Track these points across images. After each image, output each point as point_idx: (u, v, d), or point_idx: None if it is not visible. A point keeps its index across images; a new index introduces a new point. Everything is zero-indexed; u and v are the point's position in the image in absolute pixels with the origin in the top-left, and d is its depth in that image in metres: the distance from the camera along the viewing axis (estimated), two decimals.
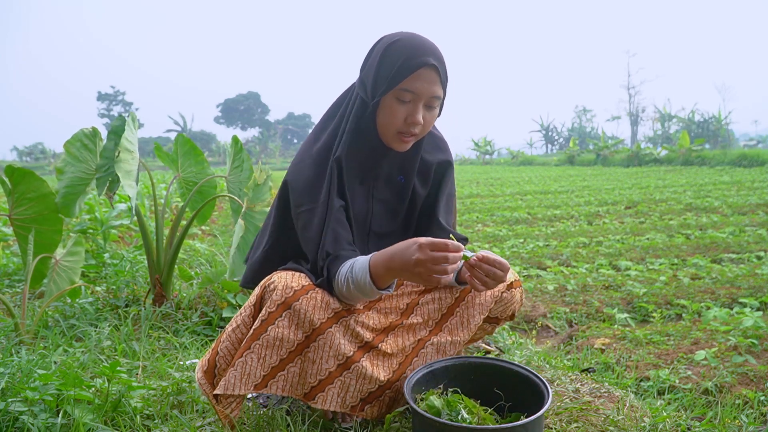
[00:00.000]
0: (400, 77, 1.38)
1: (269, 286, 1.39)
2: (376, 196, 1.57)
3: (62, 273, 2.61)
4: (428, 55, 1.39)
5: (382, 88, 1.41)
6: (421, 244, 1.25)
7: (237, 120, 76.21)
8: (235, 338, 1.42)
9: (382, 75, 1.41)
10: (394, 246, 1.33)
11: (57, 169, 2.61)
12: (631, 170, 19.00)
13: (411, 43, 1.40)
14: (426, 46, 1.41)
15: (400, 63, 1.38)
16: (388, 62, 1.39)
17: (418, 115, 1.42)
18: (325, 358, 1.41)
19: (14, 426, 1.50)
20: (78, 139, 2.60)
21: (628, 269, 4.20)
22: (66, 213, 2.59)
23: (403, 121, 1.43)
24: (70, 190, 2.60)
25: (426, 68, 1.39)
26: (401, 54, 1.39)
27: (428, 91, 1.41)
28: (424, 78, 1.39)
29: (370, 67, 1.44)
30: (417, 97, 1.41)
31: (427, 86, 1.40)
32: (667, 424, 1.62)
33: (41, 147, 54.01)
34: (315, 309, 1.39)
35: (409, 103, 1.42)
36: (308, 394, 1.43)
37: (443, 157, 1.64)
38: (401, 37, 1.43)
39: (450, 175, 1.66)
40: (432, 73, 1.40)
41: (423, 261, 1.25)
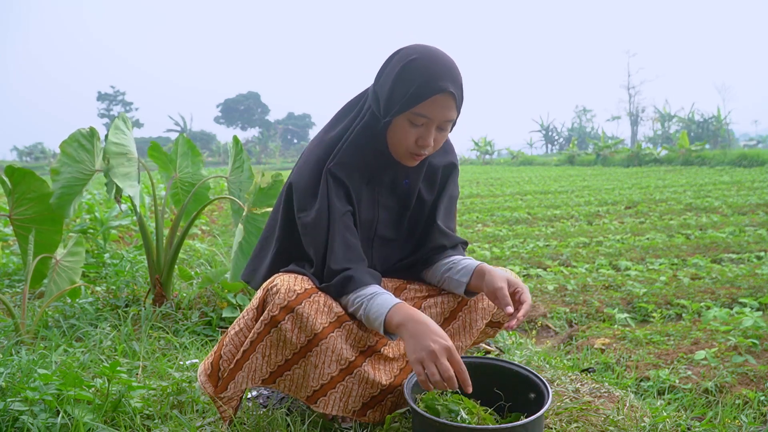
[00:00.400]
0: (415, 102, 1.34)
1: (272, 289, 1.38)
2: (382, 203, 1.55)
3: (62, 273, 2.61)
4: (445, 80, 1.34)
5: (395, 110, 1.37)
6: (448, 347, 1.24)
7: (237, 120, 76.22)
8: (238, 341, 1.41)
9: (396, 96, 1.36)
10: (422, 317, 1.30)
11: (52, 170, 2.55)
12: (631, 170, 19.00)
13: (429, 64, 1.34)
14: (444, 68, 1.35)
15: (415, 87, 1.33)
16: (404, 83, 1.35)
17: (429, 138, 1.39)
18: (327, 363, 1.41)
19: (14, 426, 1.50)
20: (75, 139, 2.55)
21: (628, 269, 4.20)
22: (61, 214, 2.56)
23: (414, 142, 1.40)
24: (66, 190, 2.55)
25: (442, 94, 1.34)
26: (418, 76, 1.34)
27: (442, 116, 1.37)
28: (440, 104, 1.35)
29: (384, 83, 1.40)
30: (430, 122, 1.38)
31: (442, 111, 1.37)
32: (667, 424, 1.62)
33: (41, 147, 54.02)
34: (317, 313, 1.38)
35: (421, 126, 1.39)
36: (311, 398, 1.43)
37: (449, 160, 1.62)
38: (419, 55, 1.36)
39: (454, 177, 1.65)
40: (448, 99, 1.36)
41: (434, 354, 1.23)
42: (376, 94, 1.43)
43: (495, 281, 1.40)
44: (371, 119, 1.45)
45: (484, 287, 1.44)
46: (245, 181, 2.90)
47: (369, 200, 1.53)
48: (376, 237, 1.57)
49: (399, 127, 1.40)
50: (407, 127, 1.39)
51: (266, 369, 1.40)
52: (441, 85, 1.33)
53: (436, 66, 1.35)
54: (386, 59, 1.44)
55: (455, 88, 1.36)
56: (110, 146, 2.42)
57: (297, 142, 75.12)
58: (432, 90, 1.33)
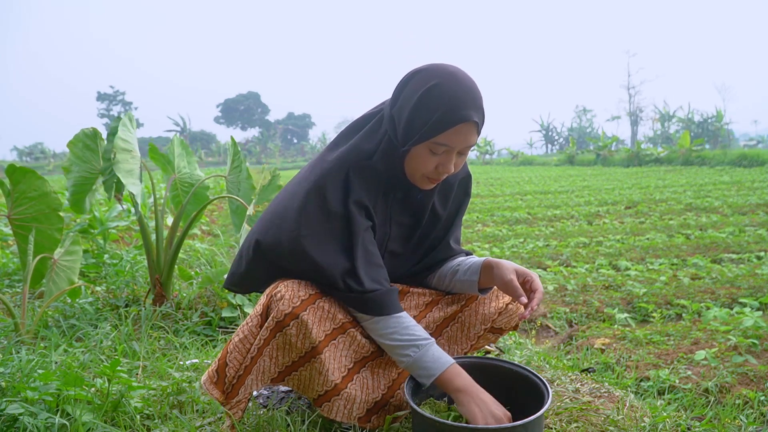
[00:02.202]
0: (436, 132, 1.27)
1: (275, 295, 1.36)
2: (395, 219, 1.51)
3: (61, 273, 2.61)
4: (468, 108, 1.27)
5: (415, 139, 1.30)
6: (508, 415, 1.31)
7: (237, 120, 76.20)
8: (244, 348, 1.40)
9: (416, 125, 1.29)
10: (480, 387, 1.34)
11: (64, 168, 2.69)
12: (631, 170, 19.00)
13: (450, 91, 1.26)
14: (467, 95, 1.28)
15: (438, 116, 1.26)
16: (425, 112, 1.27)
17: (450, 165, 1.34)
18: (331, 371, 1.41)
19: (14, 426, 1.50)
20: (80, 139, 2.64)
21: (628, 269, 4.20)
22: (77, 210, 2.70)
23: (434, 169, 1.35)
24: (78, 188, 2.68)
25: (465, 123, 1.28)
26: (440, 105, 1.26)
27: (464, 144, 1.32)
28: (462, 132, 1.29)
29: (403, 109, 1.32)
30: (451, 150, 1.32)
31: (464, 139, 1.30)
32: (667, 424, 1.62)
33: (41, 147, 54.07)
34: (321, 320, 1.38)
35: (441, 155, 1.33)
36: (317, 401, 1.44)
37: (464, 172, 1.57)
38: (441, 80, 1.28)
39: (469, 189, 1.62)
40: (471, 127, 1.29)
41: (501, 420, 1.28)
42: (393, 120, 1.35)
43: (504, 274, 1.41)
44: (388, 145, 1.37)
45: (495, 282, 1.44)
46: (244, 180, 2.91)
47: (382, 215, 1.49)
48: (386, 252, 1.54)
49: (418, 155, 1.33)
50: (427, 155, 1.33)
51: (274, 369, 1.40)
52: (464, 114, 1.26)
53: (458, 93, 1.27)
54: (403, 80, 1.35)
55: (478, 115, 1.29)
56: (118, 141, 2.44)
57: (297, 142, 75.08)
58: (455, 120, 1.26)
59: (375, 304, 1.37)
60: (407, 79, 1.34)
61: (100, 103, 68.02)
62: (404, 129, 1.32)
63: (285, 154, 58.07)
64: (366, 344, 1.47)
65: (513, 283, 1.38)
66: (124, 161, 2.46)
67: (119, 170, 2.42)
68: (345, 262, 1.36)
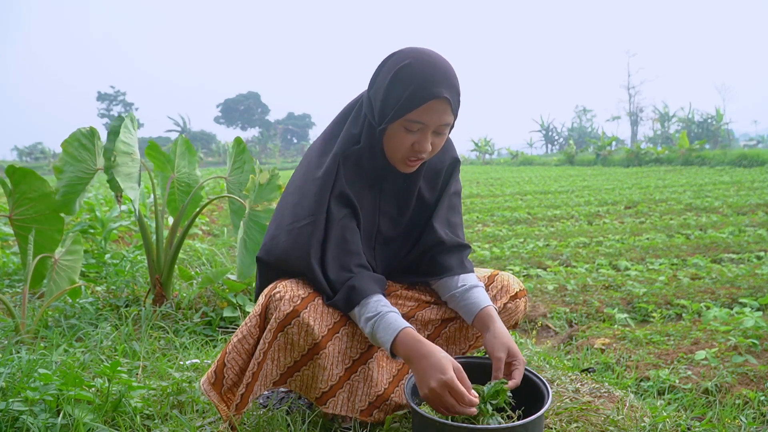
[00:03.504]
0: (408, 108, 1.31)
1: (275, 295, 1.37)
2: (383, 209, 1.53)
3: (61, 272, 2.61)
4: (440, 86, 1.30)
5: (389, 117, 1.33)
6: (445, 381, 1.23)
7: (237, 120, 76.21)
8: (242, 349, 1.41)
9: (389, 103, 1.33)
10: (428, 350, 1.28)
11: (55, 168, 2.59)
12: (631, 170, 19.00)
13: (422, 69, 1.30)
14: (438, 72, 1.31)
15: (408, 93, 1.30)
16: (397, 89, 1.31)
17: (426, 143, 1.36)
18: (335, 364, 1.41)
19: (14, 426, 1.50)
20: (76, 138, 2.58)
21: (628, 269, 4.20)
22: (66, 211, 2.60)
23: (410, 147, 1.37)
24: (70, 189, 2.59)
25: (437, 100, 1.31)
26: (411, 82, 1.30)
27: (438, 121, 1.34)
28: (435, 109, 1.31)
29: (378, 90, 1.37)
30: (425, 127, 1.34)
31: (437, 117, 1.33)
32: (667, 424, 1.62)
33: (41, 147, 54.07)
34: (323, 315, 1.39)
35: (417, 133, 1.35)
36: (320, 399, 1.44)
37: (450, 156, 1.59)
38: (412, 59, 1.32)
39: (456, 173, 1.62)
40: (443, 104, 1.32)
41: (435, 393, 1.24)
42: (370, 101, 1.41)
43: (495, 349, 1.38)
44: (368, 128, 1.41)
45: (485, 343, 1.42)
46: (245, 182, 2.90)
47: (370, 207, 1.51)
48: (377, 242, 1.55)
49: (394, 133, 1.37)
50: (403, 133, 1.36)
51: (276, 372, 1.40)
52: (435, 90, 1.30)
53: (429, 70, 1.31)
54: (379, 64, 1.41)
55: (450, 92, 1.32)
56: (119, 144, 2.43)
57: (297, 142, 75.11)
58: (426, 96, 1.30)
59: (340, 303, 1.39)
60: (383, 63, 1.40)
61: (100, 103, 68.07)
62: (380, 108, 1.36)
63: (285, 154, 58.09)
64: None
65: (498, 363, 1.36)
66: (123, 164, 2.45)
67: (118, 174, 2.41)
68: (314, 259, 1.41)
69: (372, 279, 1.42)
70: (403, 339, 1.31)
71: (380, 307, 1.36)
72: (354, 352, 1.46)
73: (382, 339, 1.33)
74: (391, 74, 1.33)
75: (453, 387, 1.24)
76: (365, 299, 1.37)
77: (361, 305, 1.37)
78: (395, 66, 1.34)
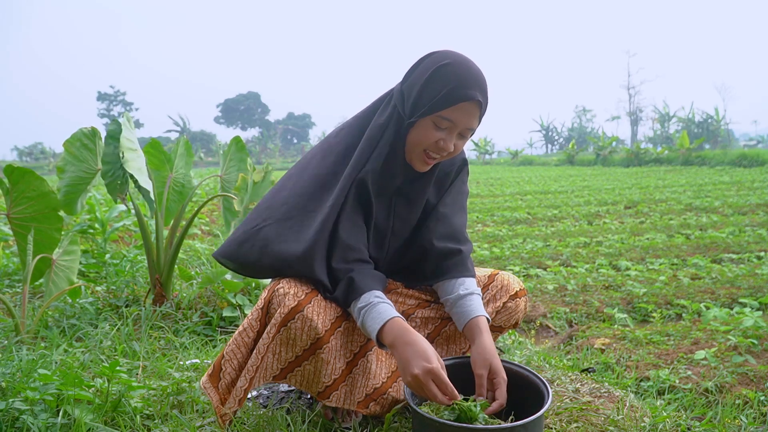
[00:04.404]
0: (443, 105, 1.36)
1: (278, 290, 1.38)
2: (396, 212, 1.55)
3: (60, 272, 2.61)
4: (475, 89, 1.36)
5: (422, 110, 1.38)
6: (430, 369, 1.26)
7: (237, 120, 76.21)
8: (241, 342, 1.41)
9: (425, 97, 1.37)
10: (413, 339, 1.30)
11: (58, 167, 2.61)
12: (631, 170, 19.00)
13: (460, 71, 1.37)
14: (474, 77, 1.38)
15: (446, 91, 1.35)
16: (434, 86, 1.36)
17: (450, 143, 1.40)
18: (337, 358, 1.43)
19: (14, 426, 1.50)
20: (77, 138, 2.60)
21: (628, 269, 4.20)
22: (68, 211, 2.62)
23: (435, 143, 1.40)
24: (71, 188, 2.62)
25: (470, 102, 1.36)
26: (449, 81, 1.35)
27: (466, 123, 1.39)
28: (466, 111, 1.37)
29: (414, 84, 1.41)
30: (454, 127, 1.39)
31: (467, 119, 1.38)
32: (667, 424, 1.62)
33: (41, 147, 54.11)
34: (326, 310, 1.40)
35: (444, 130, 1.40)
36: (322, 393, 1.44)
37: (458, 159, 1.62)
38: (452, 60, 1.38)
39: (463, 173, 1.64)
40: (474, 108, 1.38)
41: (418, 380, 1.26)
42: (403, 94, 1.43)
43: (477, 365, 1.39)
44: (397, 122, 1.44)
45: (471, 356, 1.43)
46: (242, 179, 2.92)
47: (385, 209, 1.52)
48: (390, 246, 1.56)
49: (423, 128, 1.40)
50: (431, 129, 1.39)
51: (277, 366, 1.41)
52: (470, 92, 1.35)
53: (468, 73, 1.37)
54: (417, 60, 1.45)
55: (482, 97, 1.38)
56: (124, 141, 2.44)
57: (297, 142, 75.08)
58: (461, 96, 1.35)
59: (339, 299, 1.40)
60: (421, 59, 1.44)
61: (100, 103, 68.09)
62: (413, 102, 1.40)
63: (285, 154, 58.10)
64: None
65: (480, 380, 1.38)
66: (133, 159, 2.46)
67: (131, 168, 2.42)
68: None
69: (371, 276, 1.43)
70: (391, 327, 1.33)
71: (373, 298, 1.38)
72: (354, 345, 1.47)
73: (370, 327, 1.34)
74: (431, 71, 1.37)
75: (437, 375, 1.26)
76: (364, 295, 1.38)
77: (359, 300, 1.38)
78: (435, 63, 1.38)
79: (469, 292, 1.51)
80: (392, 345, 1.31)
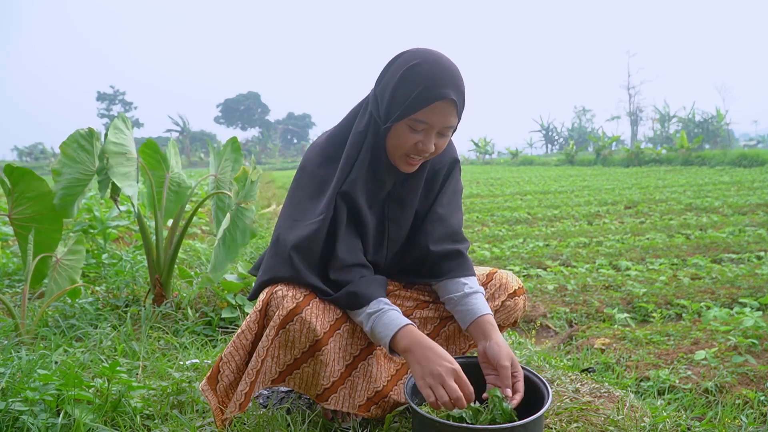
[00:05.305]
0: (416, 108, 1.32)
1: (277, 292, 1.38)
2: (390, 216, 1.54)
3: (63, 272, 2.61)
4: (447, 87, 1.32)
5: (396, 115, 1.35)
6: (455, 369, 1.28)
7: (237, 120, 76.19)
8: (240, 343, 1.42)
9: (396, 101, 1.34)
10: (433, 344, 1.32)
11: (53, 170, 2.57)
12: (631, 170, 19.00)
13: (430, 70, 1.32)
14: (446, 74, 1.33)
15: (416, 93, 1.31)
16: (405, 89, 1.33)
17: (429, 144, 1.38)
18: (336, 360, 1.42)
19: (14, 426, 1.50)
20: (74, 140, 2.56)
21: (628, 269, 4.20)
22: (64, 214, 2.57)
23: (413, 146, 1.38)
24: (68, 191, 2.56)
25: (443, 101, 1.33)
26: (419, 82, 1.32)
27: (442, 123, 1.36)
28: (441, 111, 1.33)
29: (386, 87, 1.38)
30: (430, 128, 1.36)
31: (443, 119, 1.35)
32: (667, 424, 1.62)
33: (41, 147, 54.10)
34: (325, 312, 1.40)
35: (421, 132, 1.37)
36: (321, 396, 1.44)
37: (449, 158, 1.60)
38: (422, 60, 1.34)
39: (456, 172, 1.63)
40: (449, 106, 1.34)
41: (441, 378, 1.26)
42: (377, 99, 1.42)
43: (501, 357, 1.37)
44: (374, 126, 1.42)
45: (483, 352, 1.41)
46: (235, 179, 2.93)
47: (377, 215, 1.52)
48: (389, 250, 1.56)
49: (399, 132, 1.38)
50: (407, 132, 1.37)
51: (275, 369, 1.40)
52: (442, 92, 1.32)
53: (437, 72, 1.33)
54: (388, 62, 1.42)
55: (456, 95, 1.34)
56: (109, 146, 2.42)
57: (297, 142, 75.05)
58: (433, 97, 1.31)
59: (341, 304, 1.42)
60: (391, 62, 1.41)
61: (100, 103, 68.06)
62: (386, 107, 1.37)
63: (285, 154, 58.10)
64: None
65: (506, 372, 1.35)
66: (117, 165, 2.44)
67: (114, 174, 2.40)
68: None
69: (375, 281, 1.43)
70: (406, 333, 1.33)
71: (383, 305, 1.38)
72: (354, 348, 1.47)
73: (382, 334, 1.34)
74: (400, 73, 1.34)
75: (459, 375, 1.27)
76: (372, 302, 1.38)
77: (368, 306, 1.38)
78: (404, 65, 1.35)
79: (473, 291, 1.51)
80: (409, 350, 1.31)
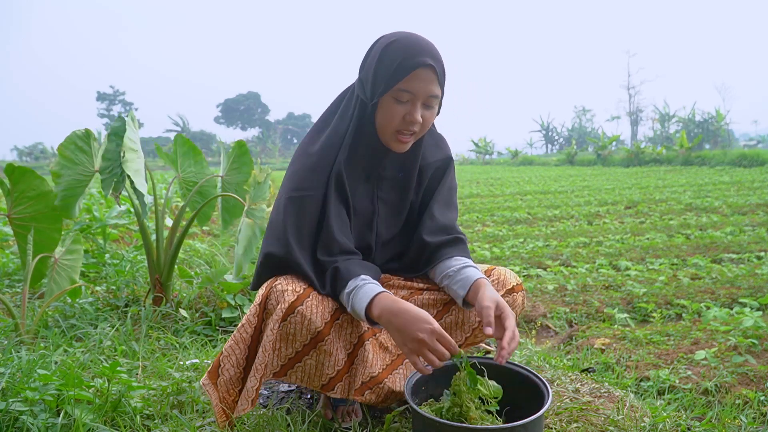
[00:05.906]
0: (397, 78, 1.38)
1: (276, 287, 1.40)
2: (381, 197, 1.57)
3: (62, 272, 2.61)
4: (425, 55, 1.39)
5: (380, 89, 1.41)
6: (433, 329, 1.27)
7: (237, 120, 76.20)
8: (239, 337, 1.43)
9: (379, 76, 1.41)
10: (406, 306, 1.31)
11: (53, 172, 2.58)
12: (631, 170, 19.00)
13: (408, 44, 1.41)
14: (422, 45, 1.41)
15: (397, 64, 1.38)
16: (386, 63, 1.40)
17: (416, 114, 1.42)
18: (339, 349, 1.44)
19: (14, 426, 1.50)
20: (72, 141, 2.57)
21: (628, 269, 4.20)
22: (66, 215, 2.60)
23: (402, 119, 1.42)
24: (69, 192, 2.59)
25: (423, 68, 1.39)
26: (398, 55, 1.39)
27: (426, 91, 1.41)
28: (422, 78, 1.39)
29: (368, 68, 1.45)
30: (415, 97, 1.41)
31: (425, 86, 1.40)
32: (667, 424, 1.62)
33: (41, 147, 54.10)
34: (323, 303, 1.42)
35: (407, 103, 1.42)
36: (327, 385, 1.45)
37: (443, 155, 1.65)
38: (398, 37, 1.43)
39: (450, 171, 1.66)
40: (429, 73, 1.40)
41: (424, 343, 1.26)
42: (362, 82, 1.48)
43: (483, 299, 1.37)
44: (361, 107, 1.48)
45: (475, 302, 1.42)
46: (242, 183, 2.95)
47: (367, 195, 1.55)
48: (378, 237, 1.58)
49: (385, 107, 1.43)
50: (393, 105, 1.42)
51: (277, 362, 1.41)
52: (420, 59, 1.38)
53: (413, 44, 1.41)
54: (368, 49, 1.49)
55: (435, 62, 1.40)
56: (126, 141, 2.44)
57: (297, 142, 74.99)
58: (412, 65, 1.38)
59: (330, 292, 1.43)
60: (371, 47, 1.49)
61: (99, 103, 68.07)
62: (371, 84, 1.43)
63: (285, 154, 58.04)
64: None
65: (487, 311, 1.34)
66: (132, 160, 2.46)
67: (129, 169, 2.42)
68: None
69: (357, 264, 1.45)
70: (379, 301, 1.34)
71: (359, 281, 1.39)
72: (353, 336, 1.49)
73: (358, 307, 1.35)
74: (379, 53, 1.42)
75: (441, 334, 1.27)
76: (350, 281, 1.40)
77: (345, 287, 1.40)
78: (382, 45, 1.43)
79: (469, 265, 1.52)
80: (384, 317, 1.31)
